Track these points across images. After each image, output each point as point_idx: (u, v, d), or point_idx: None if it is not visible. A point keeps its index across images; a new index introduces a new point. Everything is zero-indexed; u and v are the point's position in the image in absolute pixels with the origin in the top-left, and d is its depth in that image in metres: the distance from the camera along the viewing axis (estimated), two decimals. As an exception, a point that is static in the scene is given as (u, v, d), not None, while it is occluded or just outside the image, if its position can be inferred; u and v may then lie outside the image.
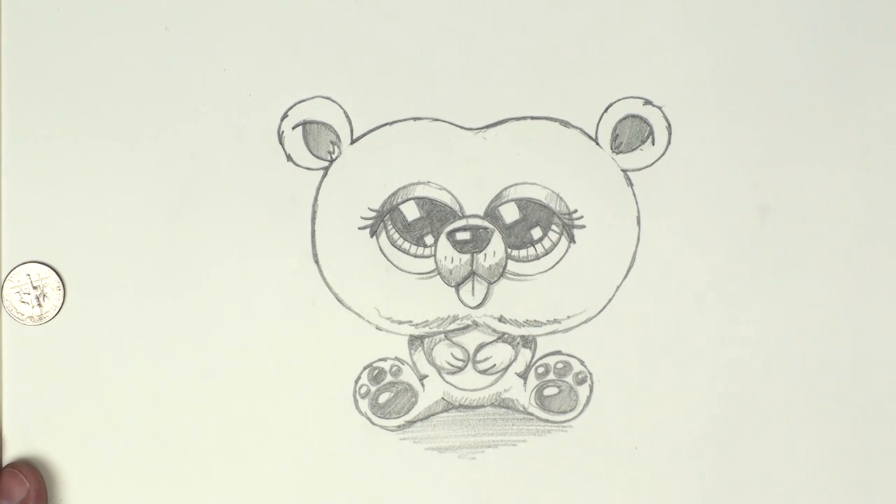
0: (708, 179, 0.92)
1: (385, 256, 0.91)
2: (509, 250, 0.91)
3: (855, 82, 0.92)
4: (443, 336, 0.91)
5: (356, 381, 0.91)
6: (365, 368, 0.91)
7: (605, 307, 0.91)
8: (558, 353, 0.91)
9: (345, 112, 0.90)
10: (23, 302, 0.89)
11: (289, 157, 0.90)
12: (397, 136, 0.91)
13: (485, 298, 0.91)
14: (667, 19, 0.92)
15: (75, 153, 0.89)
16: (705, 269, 0.92)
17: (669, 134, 0.92)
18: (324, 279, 0.90)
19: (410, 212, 0.91)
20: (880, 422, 0.93)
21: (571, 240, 0.91)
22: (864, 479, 0.92)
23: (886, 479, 0.92)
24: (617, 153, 0.91)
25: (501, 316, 0.91)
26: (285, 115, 0.90)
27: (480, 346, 0.91)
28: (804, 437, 0.92)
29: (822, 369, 0.92)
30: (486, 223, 0.91)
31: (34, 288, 0.89)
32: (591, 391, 0.92)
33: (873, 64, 0.92)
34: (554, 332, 0.91)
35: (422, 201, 0.91)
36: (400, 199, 0.91)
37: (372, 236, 0.91)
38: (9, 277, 0.89)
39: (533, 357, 0.92)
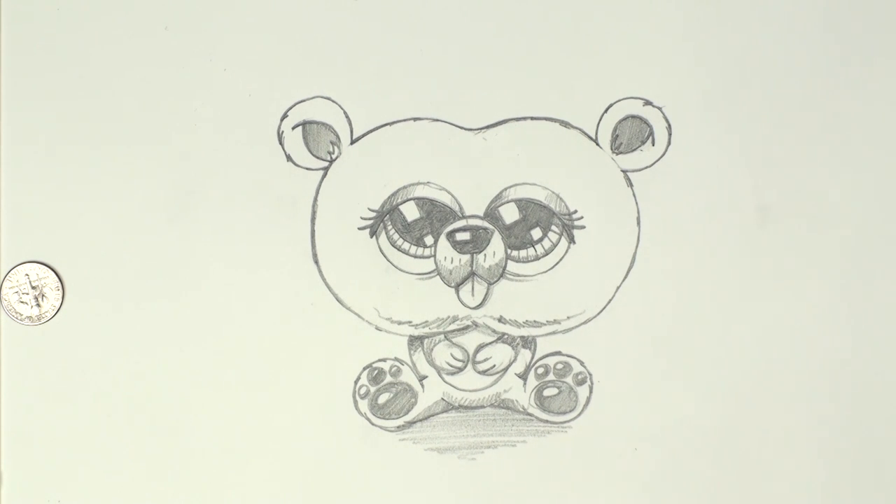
0: (708, 180, 0.92)
1: (385, 257, 0.91)
2: (509, 251, 0.91)
3: (855, 82, 0.92)
4: (442, 336, 0.91)
5: (356, 382, 0.90)
6: (364, 369, 0.91)
7: (604, 308, 0.91)
8: (558, 353, 0.91)
9: (345, 112, 0.90)
10: (21, 302, 0.89)
11: (288, 158, 0.90)
12: (397, 137, 0.91)
13: (485, 299, 0.91)
14: (667, 19, 0.92)
15: (74, 153, 0.89)
16: (705, 269, 0.92)
17: (669, 135, 0.92)
18: (323, 279, 0.90)
19: (410, 212, 0.91)
20: (881, 423, 0.92)
21: (571, 240, 0.91)
22: (865, 479, 0.92)
23: (888, 480, 0.92)
24: (617, 154, 0.91)
25: (501, 316, 0.91)
26: (285, 116, 0.90)
27: (480, 347, 0.91)
28: (805, 438, 0.92)
29: (823, 369, 0.92)
30: (485, 224, 0.91)
31: (33, 288, 0.89)
32: (590, 392, 0.91)
33: (873, 64, 0.93)
34: (554, 333, 0.91)
35: (422, 202, 0.91)
36: (400, 200, 0.91)
37: (372, 237, 0.91)
38: (7, 277, 0.89)
39: (533, 358, 0.91)
